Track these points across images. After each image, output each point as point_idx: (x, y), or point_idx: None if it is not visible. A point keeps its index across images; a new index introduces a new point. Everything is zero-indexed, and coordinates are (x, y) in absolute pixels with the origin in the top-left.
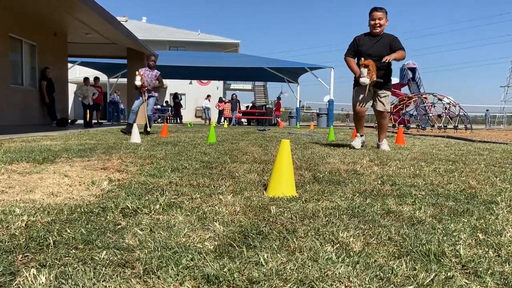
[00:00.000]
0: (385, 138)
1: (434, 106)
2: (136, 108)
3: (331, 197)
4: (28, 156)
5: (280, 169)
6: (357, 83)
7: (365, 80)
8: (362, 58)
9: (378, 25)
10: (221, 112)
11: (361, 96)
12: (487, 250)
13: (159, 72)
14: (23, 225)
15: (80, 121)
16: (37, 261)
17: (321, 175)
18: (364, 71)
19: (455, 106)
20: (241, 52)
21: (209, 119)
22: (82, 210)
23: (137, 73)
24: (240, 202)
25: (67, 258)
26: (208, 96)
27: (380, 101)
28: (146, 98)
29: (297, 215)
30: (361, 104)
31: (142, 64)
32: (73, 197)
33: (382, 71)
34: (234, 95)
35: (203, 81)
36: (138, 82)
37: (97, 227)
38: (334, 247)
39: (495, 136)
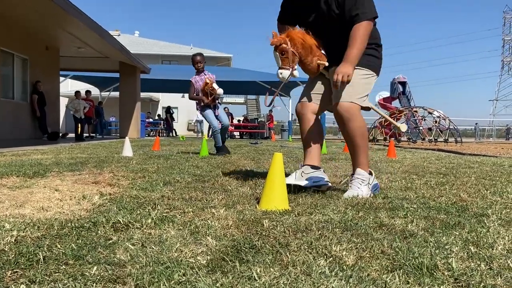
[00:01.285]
0: (361, 168)
1: (425, 120)
2: (217, 124)
3: (324, 210)
4: (18, 170)
5: (273, 183)
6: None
7: (283, 73)
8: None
9: None
10: None
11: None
12: (479, 263)
13: (213, 75)
14: (13, 240)
15: (71, 135)
16: (27, 277)
17: (314, 188)
18: (277, 56)
19: (445, 120)
20: (234, 66)
21: (202, 132)
22: (73, 225)
23: (209, 80)
24: (233, 215)
25: (57, 274)
26: None
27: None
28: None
29: (290, 229)
30: (302, 100)
31: (134, 77)
32: (63, 212)
33: (339, 41)
34: (226, 108)
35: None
36: (220, 90)
37: (87, 242)
38: (327, 261)
39: (485, 149)
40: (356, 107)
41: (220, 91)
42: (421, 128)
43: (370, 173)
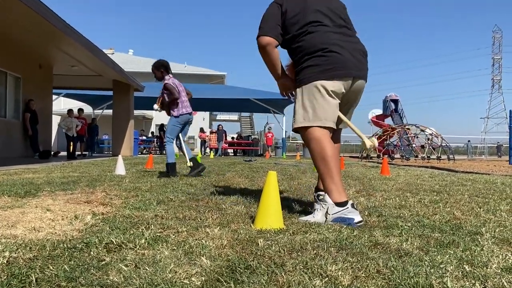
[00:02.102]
0: (328, 195)
1: (417, 137)
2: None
3: (319, 229)
4: (10, 190)
5: (267, 201)
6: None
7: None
8: None
9: None
10: (203, 142)
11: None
12: (474, 282)
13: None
14: (5, 261)
15: (63, 153)
16: None
17: (308, 207)
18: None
19: (437, 137)
20: (228, 84)
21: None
22: (65, 245)
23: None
24: (227, 235)
25: None
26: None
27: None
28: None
29: (285, 248)
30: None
31: (128, 95)
32: (55, 232)
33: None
34: (220, 126)
35: None
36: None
37: (80, 264)
38: (323, 281)
39: (477, 166)
40: (309, 130)
41: (155, 106)
42: (414, 145)
43: (342, 204)
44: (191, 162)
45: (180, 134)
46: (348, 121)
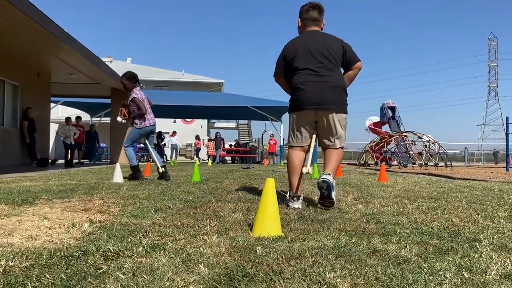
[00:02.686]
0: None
1: (415, 144)
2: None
3: (317, 236)
4: (7, 198)
5: (265, 208)
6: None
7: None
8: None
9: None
10: (198, 150)
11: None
12: None
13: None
14: (1, 270)
15: (61, 161)
16: None
17: (306, 214)
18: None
19: (434, 144)
20: (225, 91)
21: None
22: (62, 254)
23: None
24: (225, 242)
25: None
26: (174, 132)
27: None
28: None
29: (283, 256)
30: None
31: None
32: (52, 241)
33: None
34: (218, 133)
35: (187, 119)
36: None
37: (77, 272)
38: None
39: (475, 173)
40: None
41: (118, 118)
42: (411, 152)
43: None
44: (162, 168)
45: (147, 143)
46: (312, 144)
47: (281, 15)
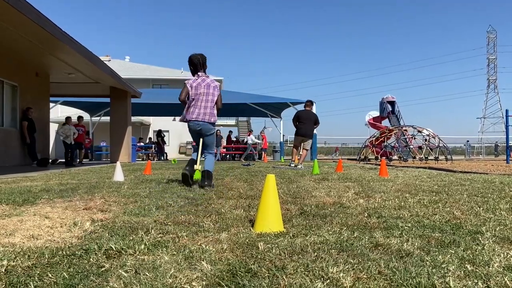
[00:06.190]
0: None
1: (415, 138)
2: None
3: (319, 231)
4: (8, 198)
5: (267, 204)
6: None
7: None
8: None
9: None
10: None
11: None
12: (476, 281)
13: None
14: (3, 270)
15: (61, 160)
16: None
17: (308, 209)
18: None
19: (434, 138)
20: (225, 88)
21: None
22: (64, 253)
23: None
24: (227, 239)
25: None
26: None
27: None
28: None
29: (286, 251)
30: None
31: (125, 102)
32: (54, 240)
33: None
34: (218, 131)
35: None
36: None
37: (79, 271)
38: (325, 283)
39: (475, 166)
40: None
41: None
42: (411, 146)
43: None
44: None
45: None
46: (303, 146)
47: (281, 10)
